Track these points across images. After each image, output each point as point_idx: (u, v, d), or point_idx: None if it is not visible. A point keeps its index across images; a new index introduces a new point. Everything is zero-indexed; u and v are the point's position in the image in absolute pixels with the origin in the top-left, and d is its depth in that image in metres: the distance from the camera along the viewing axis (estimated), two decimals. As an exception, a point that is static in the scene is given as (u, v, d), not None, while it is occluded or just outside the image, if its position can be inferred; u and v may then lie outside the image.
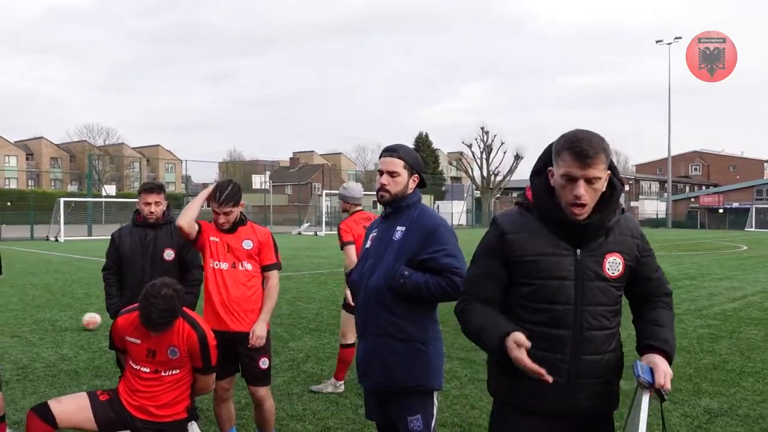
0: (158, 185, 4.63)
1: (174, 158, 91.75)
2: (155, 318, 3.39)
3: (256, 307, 4.00)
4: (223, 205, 3.88)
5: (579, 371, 2.20)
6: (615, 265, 2.22)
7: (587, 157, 2.08)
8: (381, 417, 3.12)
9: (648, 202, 74.48)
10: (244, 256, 3.96)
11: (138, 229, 4.54)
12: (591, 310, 2.19)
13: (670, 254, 23.55)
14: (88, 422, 3.53)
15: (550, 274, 2.17)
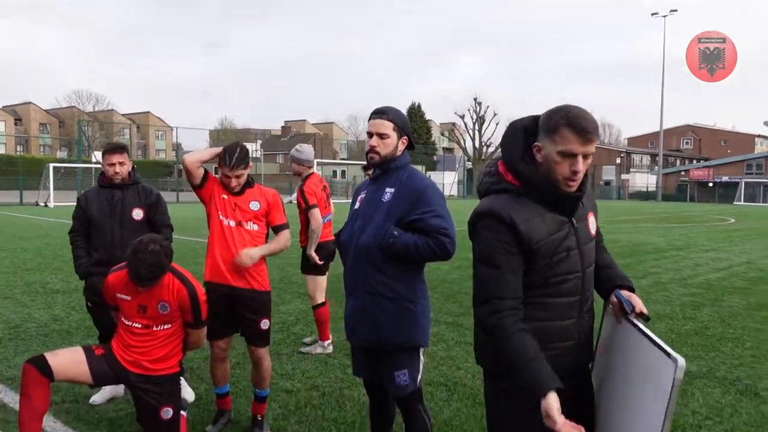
0: (121, 145, 4.65)
1: (164, 125, 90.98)
2: (143, 273, 3.44)
3: (259, 267, 4.01)
4: (234, 168, 3.90)
5: (583, 329, 2.32)
6: (593, 223, 2.35)
7: (589, 134, 2.10)
8: (368, 373, 3.21)
9: (639, 175, 74.72)
10: (250, 217, 3.97)
11: (104, 191, 4.55)
12: (588, 271, 2.32)
13: (658, 226, 23.77)
14: (83, 375, 3.59)
15: (561, 248, 2.21)
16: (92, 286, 4.52)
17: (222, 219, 3.95)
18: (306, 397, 4.70)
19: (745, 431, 4.18)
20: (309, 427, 4.15)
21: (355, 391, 4.74)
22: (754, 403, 4.70)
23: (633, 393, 2.18)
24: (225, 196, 3.98)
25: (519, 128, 2.26)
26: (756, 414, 4.49)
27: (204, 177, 4.00)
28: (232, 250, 3.90)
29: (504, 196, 2.22)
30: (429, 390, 4.81)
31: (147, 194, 4.64)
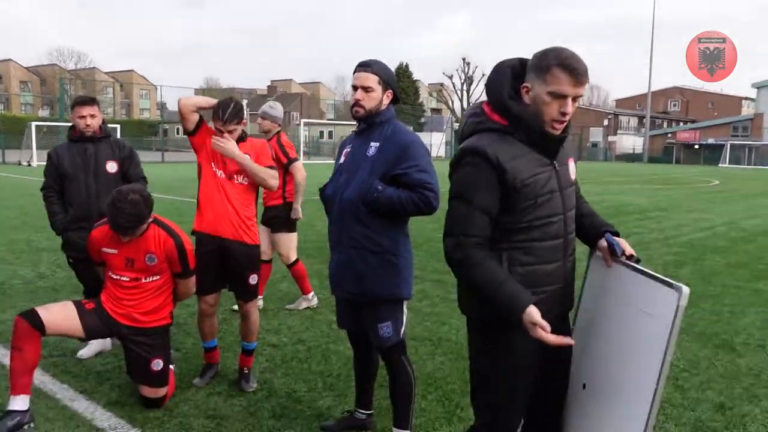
0: (91, 97, 4.59)
1: (148, 84, 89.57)
2: (122, 222, 3.43)
3: (249, 221, 3.98)
4: (227, 123, 3.85)
5: (567, 273, 2.36)
6: (573, 168, 2.39)
7: (581, 75, 2.10)
8: (352, 325, 3.26)
9: (626, 137, 74.82)
10: (240, 171, 3.92)
11: (76, 145, 4.49)
12: (570, 215, 2.35)
13: (643, 188, 23.95)
14: (75, 329, 3.61)
15: (543, 190, 2.22)
16: (70, 242, 4.50)
17: (215, 170, 3.91)
18: (292, 351, 4.76)
19: (720, 383, 4.30)
20: (295, 380, 4.22)
21: (341, 345, 4.81)
22: (730, 356, 4.83)
23: (631, 328, 2.22)
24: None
25: (506, 68, 2.25)
26: (731, 366, 4.61)
27: (198, 123, 3.95)
28: (222, 202, 3.89)
29: (490, 134, 2.22)
30: (413, 344, 4.89)
31: (120, 147, 4.59)
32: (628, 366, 2.21)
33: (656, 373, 2.04)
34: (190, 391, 4.01)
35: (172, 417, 3.65)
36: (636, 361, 2.16)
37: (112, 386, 4.06)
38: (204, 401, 3.86)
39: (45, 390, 3.96)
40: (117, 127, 35.22)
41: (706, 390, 4.17)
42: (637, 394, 2.11)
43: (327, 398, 3.94)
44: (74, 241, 4.48)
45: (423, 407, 3.80)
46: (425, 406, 3.82)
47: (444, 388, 4.10)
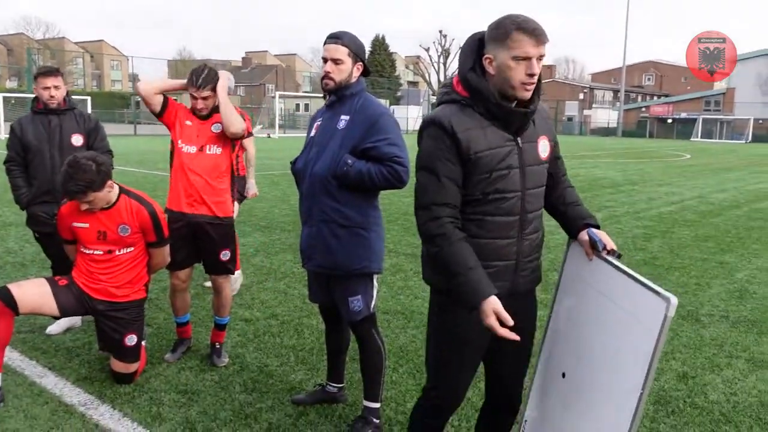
0: (55, 68, 4.47)
1: (119, 55, 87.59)
2: (70, 186, 3.36)
3: (221, 195, 3.94)
4: (201, 88, 3.78)
5: (523, 251, 2.34)
6: (544, 147, 2.36)
7: (541, 34, 2.13)
8: (323, 299, 3.27)
9: (601, 111, 75.24)
10: (212, 140, 3.88)
11: (40, 117, 4.39)
12: (532, 192, 2.32)
13: (616, 161, 24.19)
14: (49, 307, 3.56)
15: (501, 165, 2.23)
16: (35, 216, 4.43)
17: (181, 146, 3.87)
18: (265, 325, 4.77)
19: (684, 353, 4.41)
20: (267, 354, 4.23)
21: (314, 319, 4.83)
22: (695, 327, 4.95)
23: (615, 328, 2.20)
24: (189, 122, 3.90)
25: (474, 40, 2.25)
26: (695, 337, 4.73)
27: (164, 103, 3.90)
28: (192, 179, 3.84)
29: (452, 106, 2.26)
30: (386, 318, 4.93)
31: (86, 120, 4.50)
32: (612, 365, 2.20)
33: (642, 379, 2.05)
34: (161, 366, 4.00)
35: (142, 392, 3.64)
36: (621, 362, 2.16)
37: (81, 362, 4.04)
38: (175, 376, 3.86)
39: (13, 366, 3.93)
40: (87, 99, 34.49)
41: (670, 360, 4.27)
42: (622, 397, 2.12)
43: (299, 372, 3.97)
44: (39, 216, 4.41)
45: (394, 380, 3.84)
46: (396, 379, 3.86)
47: (415, 360, 4.15)
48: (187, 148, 3.86)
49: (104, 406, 3.49)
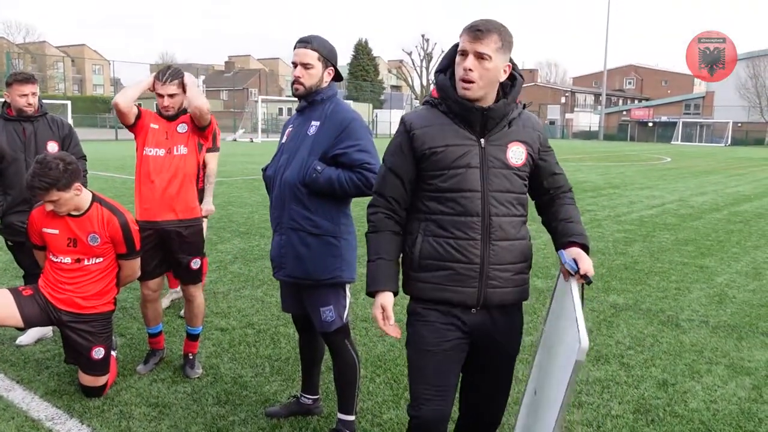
0: (31, 75, 4.38)
1: (101, 59, 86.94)
2: (34, 182, 3.28)
3: (186, 195, 3.85)
4: (166, 83, 3.72)
5: (491, 257, 2.28)
6: (518, 154, 2.32)
7: (478, 31, 2.20)
8: (296, 309, 3.20)
9: (582, 114, 75.87)
10: (179, 140, 3.81)
11: (13, 124, 4.29)
12: (497, 195, 2.28)
13: (598, 165, 24.34)
14: (12, 318, 3.48)
15: (458, 163, 2.26)
16: (9, 225, 4.33)
17: (147, 152, 3.78)
18: (240, 335, 4.68)
19: (664, 359, 4.38)
20: (242, 364, 4.14)
21: (290, 328, 4.75)
22: (675, 333, 4.93)
23: (561, 360, 2.22)
24: (156, 126, 3.82)
25: (454, 45, 2.34)
26: (675, 343, 4.71)
27: (137, 115, 3.83)
28: (156, 183, 3.76)
29: (424, 107, 2.39)
30: (364, 326, 4.86)
31: (59, 126, 4.41)
32: (555, 383, 2.24)
33: (554, 414, 2.15)
34: (132, 378, 3.90)
35: (112, 405, 3.54)
36: (558, 381, 2.20)
37: (50, 375, 3.93)
38: (147, 389, 3.76)
39: (-21, 380, 3.81)
40: (68, 104, 34.12)
41: (650, 367, 4.24)
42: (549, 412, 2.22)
43: (274, 383, 3.88)
44: (14, 225, 4.31)
45: (371, 390, 3.78)
46: (373, 389, 3.79)
47: (393, 370, 4.08)
48: (155, 152, 3.78)
49: (72, 420, 3.38)
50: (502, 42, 2.22)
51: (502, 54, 2.24)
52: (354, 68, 69.54)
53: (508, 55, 2.27)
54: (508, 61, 2.28)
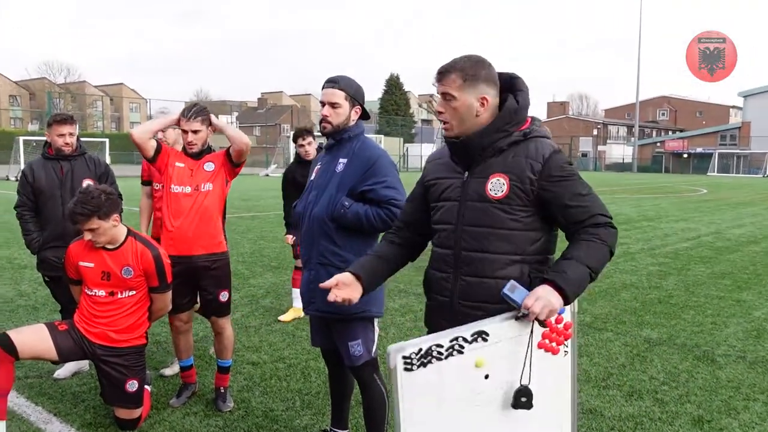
0: (70, 116, 4.57)
1: (138, 98, 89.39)
2: (76, 209, 3.43)
3: (213, 230, 3.95)
4: (190, 119, 3.85)
5: (461, 292, 2.24)
6: (498, 185, 2.19)
7: (439, 73, 2.24)
8: (325, 343, 3.24)
9: (615, 146, 75.25)
10: (205, 178, 3.92)
11: (52, 163, 4.48)
12: (470, 230, 2.22)
13: (631, 197, 24.06)
14: (48, 352, 3.57)
15: (442, 196, 2.33)
16: (46, 260, 4.48)
17: (174, 189, 3.90)
18: (272, 369, 4.73)
19: (699, 395, 4.29)
20: (273, 398, 4.18)
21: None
22: (710, 368, 4.83)
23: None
24: (181, 164, 3.94)
25: None
26: (711, 379, 4.61)
27: (157, 149, 3.95)
28: (182, 219, 3.86)
29: (445, 142, 2.42)
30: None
31: (96, 164, 4.59)
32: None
33: None
34: (166, 411, 3.97)
35: (146, 438, 3.60)
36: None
37: (86, 408, 4.02)
38: (179, 422, 3.82)
39: (19, 412, 3.91)
40: (106, 141, 35.11)
41: (685, 403, 4.16)
42: None
43: (304, 417, 3.91)
44: (50, 260, 4.46)
45: (400, 425, 3.77)
46: (402, 424, 3.78)
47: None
48: (182, 189, 3.89)
49: (106, 453, 3.45)
50: (464, 78, 2.18)
51: (469, 89, 2.19)
52: (385, 103, 70.31)
53: (480, 88, 2.19)
54: (485, 93, 2.20)
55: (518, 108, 2.24)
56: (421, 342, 2.01)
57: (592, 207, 2.19)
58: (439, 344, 2.02)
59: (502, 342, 2.08)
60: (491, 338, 2.07)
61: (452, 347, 2.03)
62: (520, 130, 2.23)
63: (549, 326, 2.13)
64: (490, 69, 2.25)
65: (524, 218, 2.19)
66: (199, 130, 3.89)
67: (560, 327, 2.17)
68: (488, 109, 2.22)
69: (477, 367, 2.06)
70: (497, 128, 2.21)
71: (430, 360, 2.02)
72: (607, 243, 2.14)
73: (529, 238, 2.21)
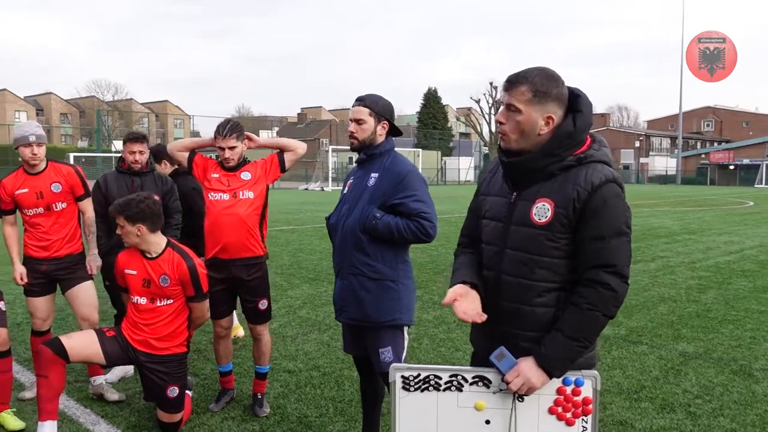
0: (142, 135, 4.84)
1: (182, 114, 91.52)
2: (120, 202, 3.75)
3: (257, 235, 4.13)
4: (226, 137, 4.05)
5: (497, 317, 2.19)
6: (543, 211, 2.12)
7: (508, 82, 2.14)
8: (356, 350, 3.37)
9: (658, 158, 73.89)
10: (244, 186, 4.10)
11: (124, 177, 4.77)
12: (512, 254, 2.17)
13: (674, 210, 23.62)
14: (96, 356, 3.79)
15: (489, 214, 2.28)
16: (109, 266, 4.73)
17: (212, 197, 4.09)
18: (306, 377, 4.87)
19: (734, 409, 4.26)
20: (307, 405, 4.31)
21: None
22: (747, 382, 4.78)
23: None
24: (217, 174, 4.13)
25: None
26: (747, 393, 4.56)
27: (190, 158, 4.20)
28: (227, 227, 4.03)
29: None
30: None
31: (163, 182, 4.86)
32: None
33: None
34: (205, 415, 4.14)
35: (187, 441, 3.77)
36: None
37: (132, 411, 4.21)
38: (218, 426, 3.98)
39: (69, 414, 4.13)
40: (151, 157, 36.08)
41: (719, 417, 4.14)
42: None
43: (337, 423, 4.03)
44: (112, 265, 4.72)
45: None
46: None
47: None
48: (220, 196, 4.07)
49: (150, 454, 3.62)
50: (534, 93, 2.08)
51: (537, 105, 2.09)
52: (423, 116, 70.53)
53: (548, 106, 2.09)
54: (551, 112, 2.10)
55: (573, 132, 2.11)
56: (420, 368, 2.13)
57: (602, 255, 2.06)
58: (438, 376, 2.12)
59: (503, 393, 2.11)
60: (493, 387, 2.12)
61: (451, 383, 2.12)
62: (575, 154, 2.12)
63: (563, 393, 2.11)
64: (562, 87, 2.13)
65: (565, 246, 2.11)
66: (235, 146, 4.07)
67: (578, 399, 2.12)
68: (552, 129, 2.12)
69: (477, 410, 2.13)
70: (549, 152, 2.10)
71: (428, 387, 2.13)
72: (598, 309, 2.05)
73: (569, 265, 2.13)
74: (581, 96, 2.15)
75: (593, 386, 2.12)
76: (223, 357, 4.33)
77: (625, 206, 2.11)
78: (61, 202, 4.36)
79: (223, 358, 4.33)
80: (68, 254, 4.45)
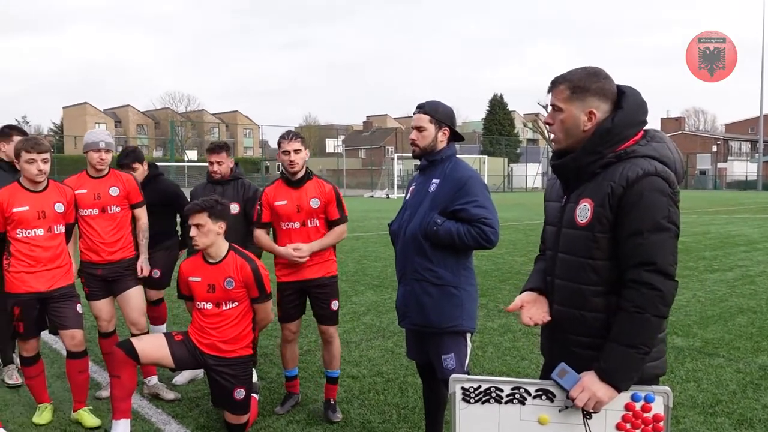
0: (219, 145, 5.00)
1: (251, 123, 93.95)
2: (194, 202, 3.94)
3: (329, 257, 4.31)
4: (291, 140, 4.18)
5: (554, 322, 2.20)
6: (584, 211, 2.10)
7: (551, 83, 2.18)
8: (419, 356, 3.37)
9: (737, 163, 70.63)
10: (312, 214, 4.21)
11: (210, 185, 4.99)
12: (561, 257, 2.18)
13: (754, 217, 22.51)
14: (165, 359, 3.92)
15: (547, 219, 2.33)
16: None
17: (285, 226, 4.23)
18: (370, 383, 4.89)
19: (819, 427, 4.02)
20: (371, 411, 4.33)
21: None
22: (835, 399, 4.50)
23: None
24: (284, 201, 4.21)
25: None
26: (834, 410, 4.29)
27: (259, 213, 4.33)
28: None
29: None
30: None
31: (245, 189, 5.00)
32: None
33: None
34: (271, 418, 4.21)
35: (253, 442, 3.84)
36: None
37: (201, 412, 4.34)
38: (283, 428, 4.05)
39: (142, 413, 4.29)
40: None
41: None
42: None
43: (400, 429, 4.02)
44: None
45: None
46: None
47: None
48: (291, 225, 4.20)
49: (217, 454, 3.71)
50: (572, 90, 2.10)
51: (577, 101, 2.10)
52: (489, 123, 69.92)
53: (588, 101, 2.09)
54: (593, 107, 2.09)
55: (611, 128, 2.06)
56: (481, 380, 2.11)
57: (642, 252, 1.98)
58: (500, 388, 2.09)
59: (569, 409, 2.06)
60: (557, 401, 2.07)
61: (513, 395, 2.09)
62: (617, 150, 2.07)
63: (631, 409, 2.04)
64: (605, 82, 2.11)
65: (606, 247, 2.05)
66: (299, 149, 4.18)
67: (648, 416, 2.05)
68: (595, 125, 2.09)
69: (541, 424, 2.08)
70: (590, 150, 2.08)
71: (489, 399, 2.10)
72: (646, 311, 1.96)
73: (612, 267, 2.05)
74: (626, 93, 2.12)
75: (665, 402, 2.04)
76: (290, 361, 4.41)
77: (666, 201, 2.00)
78: (116, 206, 4.45)
79: (290, 362, 4.41)
80: (121, 259, 4.52)
